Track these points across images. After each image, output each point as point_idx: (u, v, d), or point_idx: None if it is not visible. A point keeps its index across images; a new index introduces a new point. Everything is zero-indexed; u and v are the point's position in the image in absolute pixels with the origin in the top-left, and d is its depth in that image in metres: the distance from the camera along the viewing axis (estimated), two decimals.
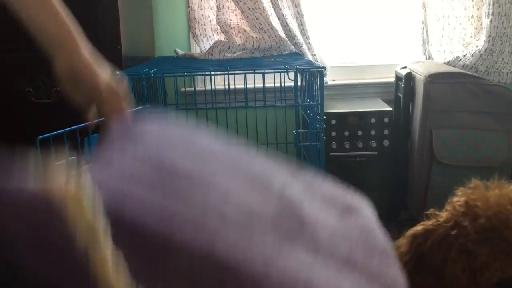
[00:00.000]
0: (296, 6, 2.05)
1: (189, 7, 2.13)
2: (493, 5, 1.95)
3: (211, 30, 2.16)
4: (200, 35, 2.14)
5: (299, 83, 1.85)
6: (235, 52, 2.06)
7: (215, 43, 2.05)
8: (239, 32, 2.09)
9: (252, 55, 2.08)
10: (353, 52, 2.33)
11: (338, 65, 2.29)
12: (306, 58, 2.03)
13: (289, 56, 2.06)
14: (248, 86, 1.57)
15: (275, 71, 1.77)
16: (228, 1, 2.09)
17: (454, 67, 2.01)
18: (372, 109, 1.97)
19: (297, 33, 2.06)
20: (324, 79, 2.07)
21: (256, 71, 1.60)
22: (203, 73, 2.03)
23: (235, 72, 1.58)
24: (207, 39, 2.15)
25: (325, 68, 1.56)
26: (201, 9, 2.13)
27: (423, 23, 2.12)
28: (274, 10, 2.04)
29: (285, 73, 1.57)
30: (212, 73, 1.62)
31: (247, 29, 2.10)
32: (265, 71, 1.68)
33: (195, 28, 2.13)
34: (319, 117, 1.51)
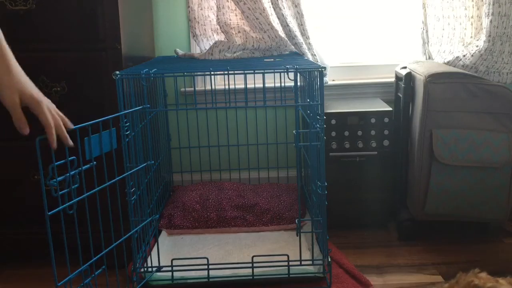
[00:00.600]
0: (296, 6, 2.05)
1: (189, 7, 2.13)
2: (493, 5, 1.95)
3: (211, 30, 2.16)
4: (200, 35, 2.14)
5: (299, 83, 1.85)
6: (235, 52, 2.06)
7: (215, 43, 2.05)
8: (239, 32, 2.10)
9: (252, 55, 2.08)
10: (353, 52, 2.33)
11: (338, 65, 2.30)
12: (306, 58, 2.03)
13: (289, 56, 2.06)
14: (248, 86, 1.57)
15: (275, 71, 1.77)
16: (228, 1, 2.09)
17: (454, 67, 2.02)
18: (372, 109, 1.97)
19: (297, 33, 2.06)
20: (324, 79, 2.08)
21: (256, 71, 1.60)
22: (203, 73, 2.03)
23: (235, 72, 1.58)
24: (207, 39, 2.15)
25: (325, 68, 1.55)
26: (201, 9, 2.13)
27: (423, 23, 2.12)
28: (274, 10, 2.04)
29: (285, 73, 1.57)
30: (212, 73, 1.62)
31: (247, 29, 2.10)
32: (265, 71, 1.68)
33: (195, 28, 2.13)
34: (319, 117, 1.51)
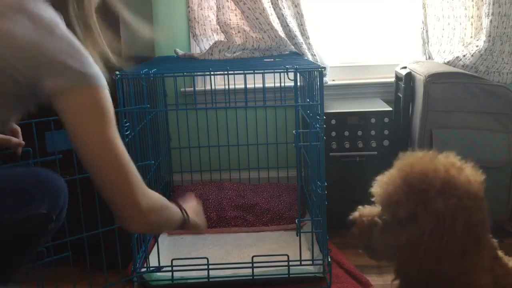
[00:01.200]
0: (296, 6, 2.05)
1: (189, 7, 2.13)
2: (493, 5, 1.95)
3: (211, 30, 2.16)
4: (200, 35, 2.14)
5: (299, 83, 1.85)
6: (235, 52, 2.06)
7: (215, 43, 2.05)
8: (239, 32, 2.09)
9: (252, 55, 2.08)
10: (353, 52, 2.33)
11: (338, 65, 2.29)
12: (306, 58, 2.03)
13: (289, 56, 2.06)
14: (248, 86, 1.57)
15: (275, 71, 1.77)
16: (228, 1, 2.09)
17: (454, 67, 2.01)
18: (372, 109, 1.97)
19: (297, 33, 2.06)
20: (324, 79, 2.07)
21: (256, 71, 1.59)
22: (203, 73, 2.03)
23: (235, 72, 1.58)
24: (207, 39, 2.15)
25: (324, 68, 1.55)
26: (201, 9, 2.13)
27: (423, 23, 2.12)
28: (274, 10, 2.04)
29: (285, 73, 1.57)
30: (212, 73, 1.62)
31: (247, 29, 2.10)
32: (265, 71, 1.68)
33: (195, 28, 2.13)
34: (319, 117, 1.51)
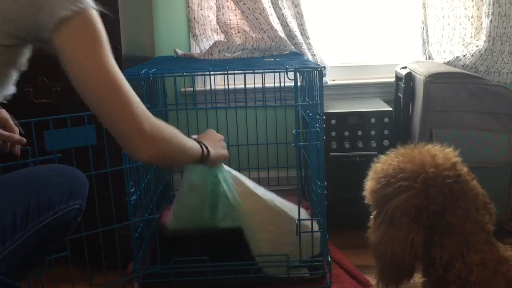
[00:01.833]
0: (296, 6, 2.05)
1: (189, 7, 2.13)
2: (493, 5, 1.95)
3: (211, 30, 2.16)
4: (200, 35, 2.14)
5: (299, 83, 1.85)
6: (234, 52, 2.06)
7: (215, 43, 2.05)
8: (238, 32, 2.09)
9: (252, 55, 2.08)
10: (353, 52, 2.33)
11: (338, 65, 2.29)
12: (306, 58, 2.03)
13: (289, 56, 2.06)
14: (248, 86, 1.57)
15: (275, 71, 1.77)
16: (228, 1, 2.09)
17: (454, 67, 2.01)
18: (372, 109, 1.97)
19: (297, 33, 2.06)
20: (324, 79, 2.07)
21: (255, 71, 1.59)
22: (203, 73, 2.03)
23: (235, 72, 1.58)
24: (207, 39, 2.15)
25: (324, 67, 1.55)
26: (201, 9, 2.13)
27: (423, 23, 2.12)
28: (274, 10, 2.04)
29: (285, 73, 1.57)
30: (212, 73, 1.61)
31: (247, 29, 2.10)
32: (265, 71, 1.68)
33: (195, 28, 2.13)
34: (318, 117, 1.51)
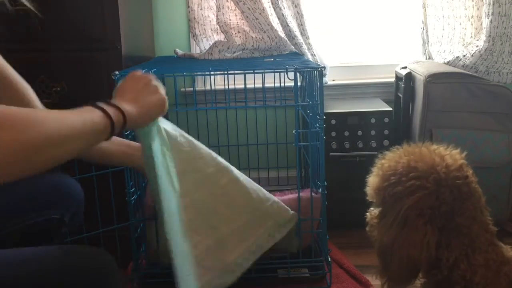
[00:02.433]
0: (296, 6, 2.05)
1: (189, 7, 2.13)
2: (493, 5, 1.95)
3: (211, 30, 2.16)
4: (200, 35, 2.14)
5: (299, 83, 1.85)
6: (234, 52, 2.06)
7: (215, 43, 2.05)
8: (238, 32, 2.09)
9: (252, 55, 2.08)
10: (353, 52, 2.33)
11: (338, 65, 2.29)
12: (306, 58, 2.03)
13: (289, 56, 2.06)
14: (248, 86, 1.57)
15: (275, 71, 1.77)
16: (228, 1, 2.09)
17: (454, 67, 2.01)
18: (372, 109, 1.97)
19: (297, 33, 2.06)
20: (324, 79, 2.07)
21: (256, 71, 1.59)
22: (203, 73, 2.03)
23: (235, 72, 1.58)
24: (207, 39, 2.15)
25: (324, 67, 1.55)
26: (201, 9, 2.13)
27: (423, 23, 2.12)
28: (274, 10, 2.04)
29: (285, 73, 1.57)
30: (212, 73, 1.61)
31: (247, 29, 2.10)
32: (265, 71, 1.68)
33: (195, 28, 2.13)
34: (318, 117, 1.51)
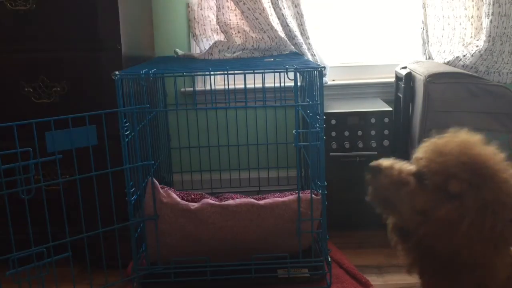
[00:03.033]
0: (296, 6, 2.05)
1: (189, 7, 2.13)
2: (493, 5, 1.95)
3: (211, 30, 2.16)
4: (200, 35, 2.14)
5: (299, 83, 1.85)
6: (234, 52, 2.06)
7: (215, 43, 2.05)
8: (238, 32, 2.09)
9: (252, 55, 2.08)
10: (353, 52, 2.33)
11: (338, 65, 2.29)
12: (306, 58, 2.03)
13: (289, 56, 2.06)
14: (248, 86, 1.57)
15: (275, 71, 1.77)
16: (228, 1, 2.09)
17: (454, 67, 2.01)
18: (372, 109, 1.97)
19: (297, 33, 2.06)
20: (324, 79, 2.07)
21: (255, 71, 1.59)
22: (203, 73, 2.03)
23: (235, 72, 1.58)
24: (207, 39, 2.15)
25: (324, 68, 1.55)
26: (201, 9, 2.13)
27: (423, 23, 2.12)
28: (274, 10, 2.04)
29: (285, 73, 1.57)
30: (212, 73, 1.61)
31: (247, 29, 2.10)
32: (265, 71, 1.68)
33: (194, 28, 2.13)
34: (318, 117, 1.51)
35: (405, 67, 2.02)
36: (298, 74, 1.60)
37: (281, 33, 2.09)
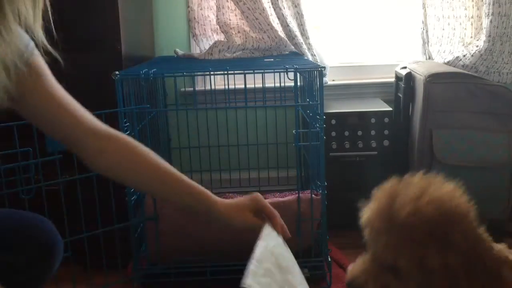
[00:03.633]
0: (296, 6, 2.05)
1: (189, 7, 2.13)
2: (493, 5, 1.95)
3: (211, 30, 2.16)
4: (200, 35, 2.14)
5: (299, 83, 1.85)
6: (235, 52, 2.06)
7: (215, 43, 2.05)
8: (238, 32, 2.09)
9: (252, 55, 2.08)
10: (353, 52, 2.33)
11: (338, 65, 2.29)
12: (306, 58, 2.03)
13: (289, 56, 2.06)
14: (248, 86, 1.57)
15: (275, 71, 1.77)
16: (228, 1, 2.09)
17: (454, 67, 2.01)
18: (372, 109, 1.97)
19: (297, 33, 2.06)
20: (324, 79, 2.07)
21: (255, 71, 1.59)
22: (203, 73, 2.03)
23: (235, 72, 1.58)
24: (207, 39, 2.15)
25: (324, 68, 1.55)
26: (201, 9, 2.13)
27: (423, 23, 2.12)
28: (274, 10, 2.04)
29: (285, 73, 1.57)
30: (212, 73, 1.61)
31: (247, 29, 2.10)
32: (265, 71, 1.68)
33: (195, 28, 2.13)
34: (318, 117, 1.51)
35: (405, 67, 2.02)
36: (298, 74, 1.61)
37: (281, 33, 2.09)
